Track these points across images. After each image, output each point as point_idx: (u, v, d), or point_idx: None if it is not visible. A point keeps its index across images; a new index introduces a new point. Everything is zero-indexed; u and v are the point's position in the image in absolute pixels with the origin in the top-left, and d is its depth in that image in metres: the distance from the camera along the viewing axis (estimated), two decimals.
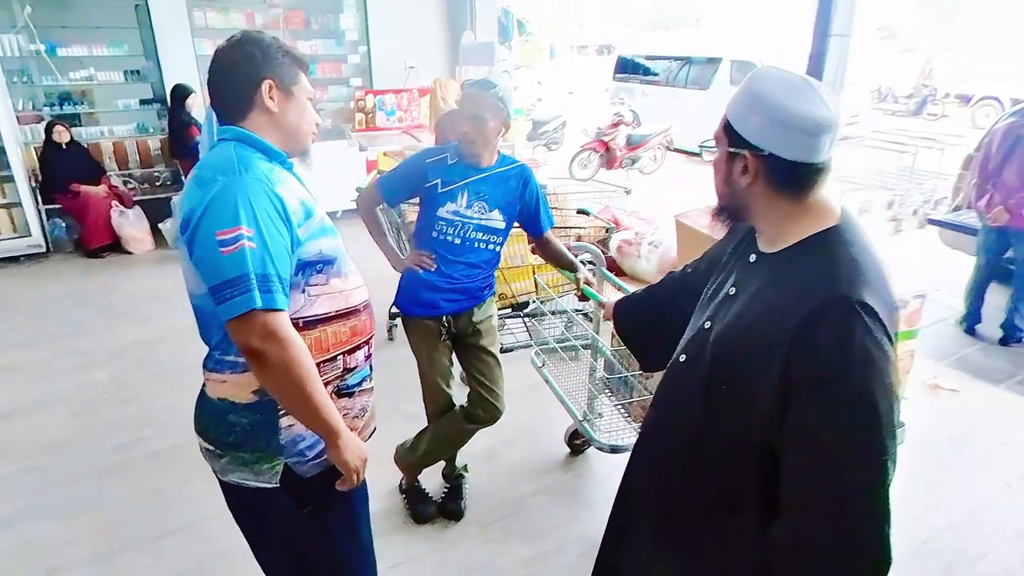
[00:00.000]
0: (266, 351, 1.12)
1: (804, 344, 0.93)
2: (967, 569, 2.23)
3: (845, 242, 1.00)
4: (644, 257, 4.47)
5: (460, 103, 2.06)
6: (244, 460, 1.29)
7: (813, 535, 0.95)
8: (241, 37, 1.28)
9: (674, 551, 1.22)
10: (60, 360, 3.71)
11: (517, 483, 2.64)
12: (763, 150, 1.00)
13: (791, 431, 0.96)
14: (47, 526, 2.43)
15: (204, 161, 1.23)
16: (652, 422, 1.30)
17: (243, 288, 1.10)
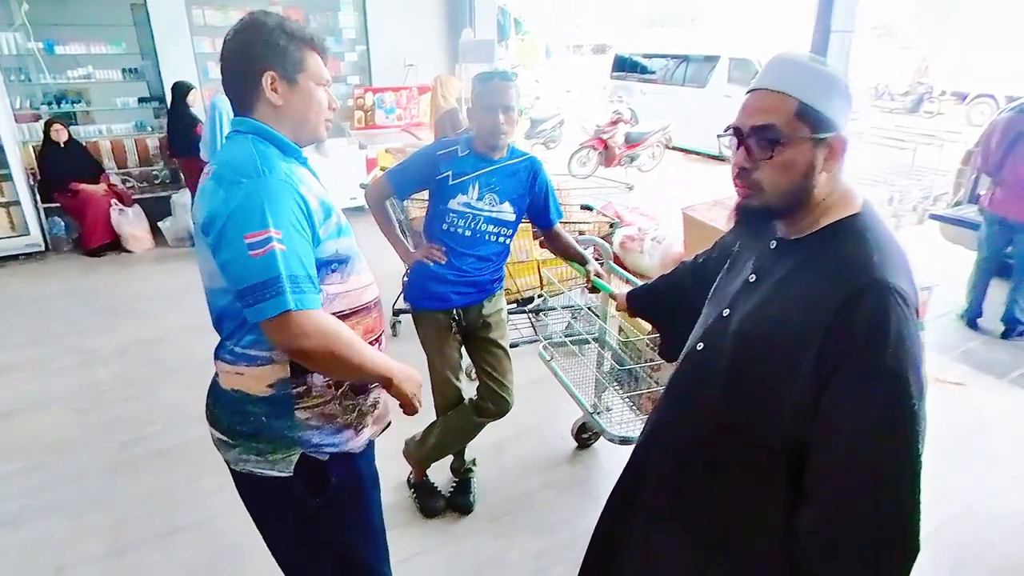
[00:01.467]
0: (309, 347, 1.13)
1: (841, 328, 0.92)
2: (975, 559, 2.23)
3: (872, 228, 0.99)
4: (647, 252, 4.49)
5: (481, 95, 2.03)
6: (258, 450, 1.28)
7: (841, 519, 0.94)
8: (244, 23, 1.23)
9: (694, 543, 1.17)
10: (62, 359, 3.69)
11: (525, 477, 2.64)
12: (841, 129, 0.99)
13: (824, 415, 0.94)
14: (54, 524, 2.42)
15: (224, 159, 1.19)
16: (666, 413, 1.25)
17: (276, 291, 1.09)
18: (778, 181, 0.99)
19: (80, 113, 6.27)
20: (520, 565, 2.21)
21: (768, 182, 1.00)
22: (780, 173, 0.99)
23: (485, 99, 2.01)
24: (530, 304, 3.53)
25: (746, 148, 1.01)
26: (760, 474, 1.05)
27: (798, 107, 0.97)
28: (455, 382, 2.27)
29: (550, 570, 2.18)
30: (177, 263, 5.44)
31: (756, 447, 1.04)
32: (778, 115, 0.97)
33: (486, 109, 2.01)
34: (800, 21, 10.38)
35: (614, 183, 4.83)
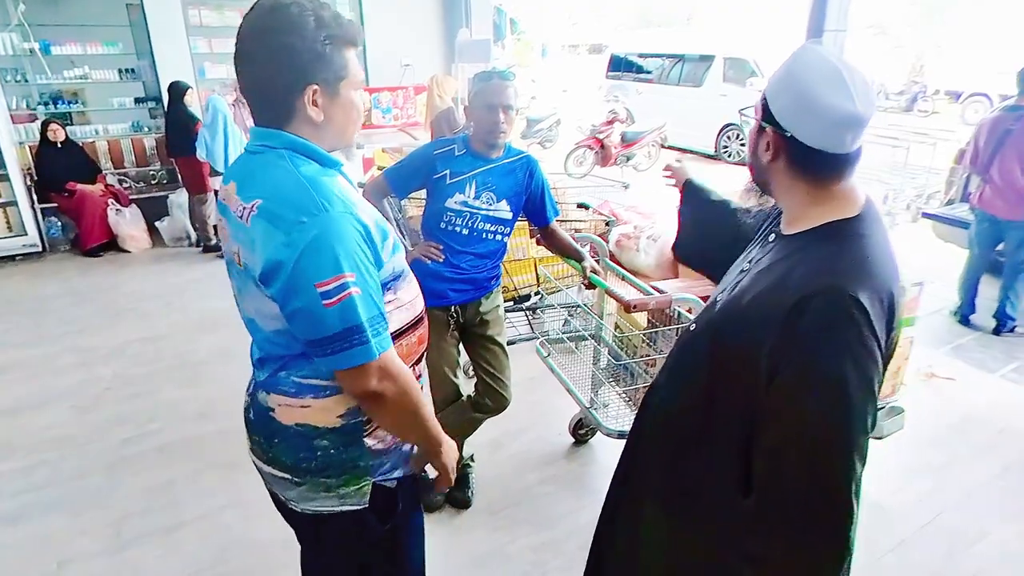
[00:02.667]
0: (383, 391, 1.07)
1: (791, 328, 0.93)
2: (966, 549, 2.27)
3: (859, 234, 0.99)
4: (643, 251, 4.52)
5: (481, 93, 2.05)
6: (328, 485, 1.19)
7: (772, 506, 0.97)
8: (278, 18, 1.01)
9: (679, 517, 1.20)
10: (61, 358, 3.71)
11: (523, 472, 2.67)
12: (786, 131, 1.00)
13: (768, 404, 0.96)
14: (56, 519, 2.43)
15: (271, 192, 1.03)
16: (661, 389, 1.27)
17: (358, 340, 1.01)
18: (749, 157, 1.11)
19: (76, 113, 6.28)
20: (519, 558, 2.24)
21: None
22: (749, 149, 1.11)
23: (485, 98, 2.04)
24: (527, 302, 3.56)
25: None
26: (736, 450, 1.06)
27: (762, 97, 1.05)
28: (453, 379, 2.30)
29: (548, 563, 2.21)
30: (174, 262, 5.45)
31: (732, 424, 1.06)
32: (760, 99, 1.06)
33: (486, 108, 2.03)
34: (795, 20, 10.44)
35: (610, 182, 4.87)
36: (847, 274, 0.94)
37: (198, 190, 5.51)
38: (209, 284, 4.90)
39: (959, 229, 4.55)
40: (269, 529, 2.28)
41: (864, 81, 0.97)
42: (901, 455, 2.73)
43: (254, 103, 1.09)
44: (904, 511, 2.45)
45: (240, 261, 1.09)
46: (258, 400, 1.20)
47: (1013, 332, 3.99)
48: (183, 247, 5.82)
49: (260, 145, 1.09)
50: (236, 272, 1.14)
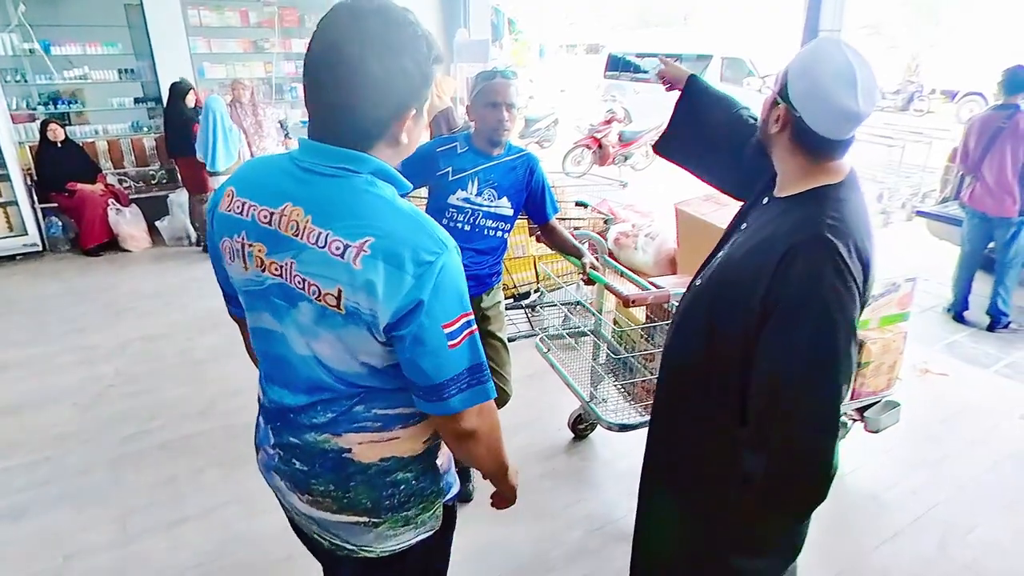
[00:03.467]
0: (479, 428, 1.03)
1: (781, 273, 1.07)
2: (959, 540, 2.31)
3: (839, 198, 1.13)
4: (641, 249, 4.56)
5: (484, 92, 2.08)
6: (407, 519, 1.13)
7: (764, 430, 1.11)
8: (395, 30, 0.91)
9: (683, 454, 1.37)
10: (63, 356, 3.73)
11: (524, 467, 2.67)
12: (796, 111, 1.12)
13: (761, 347, 1.10)
14: (61, 514, 2.46)
15: (384, 229, 0.92)
16: (670, 340, 1.43)
17: (478, 379, 0.99)
18: (761, 125, 1.23)
19: (76, 113, 6.30)
20: (520, 549, 2.27)
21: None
22: (762, 118, 1.23)
23: (488, 96, 2.07)
24: (527, 300, 3.59)
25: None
26: (734, 386, 1.19)
27: (781, 73, 1.17)
28: None
29: (549, 552, 2.24)
30: (175, 262, 5.47)
31: (731, 365, 1.19)
32: (781, 72, 1.18)
33: (489, 105, 2.06)
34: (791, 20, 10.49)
35: (608, 181, 4.91)
36: (828, 226, 1.08)
37: (198, 190, 5.53)
38: (210, 283, 4.87)
39: (953, 227, 4.60)
40: (270, 523, 2.32)
41: (872, 80, 1.10)
42: (896, 449, 2.77)
43: (334, 117, 0.95)
44: (899, 503, 2.49)
45: (340, 304, 0.94)
46: (317, 447, 1.08)
47: (1007, 328, 4.03)
48: (183, 246, 5.84)
49: (338, 168, 0.96)
50: (314, 311, 0.97)
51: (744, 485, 1.16)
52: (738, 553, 1.32)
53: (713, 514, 1.32)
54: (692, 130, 1.64)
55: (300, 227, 0.95)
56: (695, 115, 1.65)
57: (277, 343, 1.06)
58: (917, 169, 6.76)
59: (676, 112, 1.70)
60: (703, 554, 1.38)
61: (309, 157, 0.97)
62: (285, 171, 1.00)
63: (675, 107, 1.70)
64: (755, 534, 1.30)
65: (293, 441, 1.10)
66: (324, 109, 0.95)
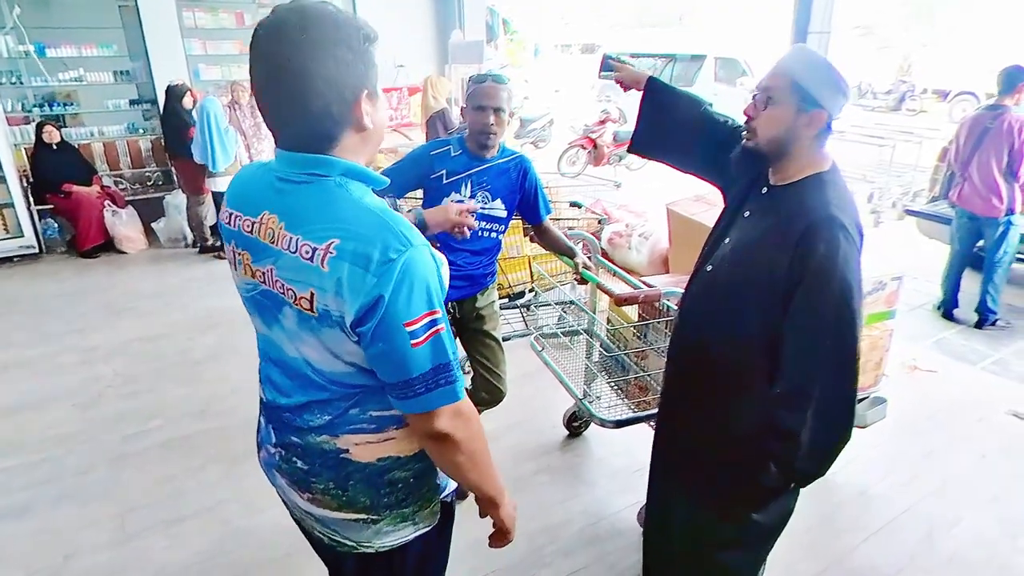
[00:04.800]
0: (453, 432, 1.02)
1: (804, 248, 1.27)
2: (945, 533, 2.36)
3: (833, 183, 1.36)
4: (635, 248, 4.60)
5: (474, 95, 2.12)
6: (404, 515, 1.15)
7: (805, 382, 1.31)
8: (321, 30, 0.92)
9: (699, 420, 1.56)
10: (62, 356, 3.75)
11: (519, 464, 2.74)
12: (828, 110, 1.32)
13: (793, 311, 1.30)
14: (61, 513, 2.49)
15: (350, 230, 0.93)
16: (684, 323, 1.61)
17: (445, 379, 0.97)
18: (765, 130, 1.37)
19: (71, 115, 6.31)
20: (516, 545, 2.26)
21: (760, 129, 1.37)
22: (768, 125, 1.36)
23: (477, 99, 2.11)
24: (522, 299, 3.63)
25: (754, 102, 1.38)
26: (751, 362, 1.40)
27: (792, 83, 1.33)
28: None
29: (544, 548, 2.28)
30: (172, 263, 5.49)
31: (748, 342, 1.40)
32: (778, 85, 1.34)
33: (478, 109, 2.10)
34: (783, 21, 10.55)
35: (602, 181, 4.95)
36: (836, 207, 1.30)
37: (195, 191, 5.56)
38: (207, 284, 4.95)
39: (942, 225, 4.66)
40: (270, 521, 2.36)
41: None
42: (883, 444, 2.82)
43: (293, 128, 0.97)
44: (885, 497, 2.54)
45: (312, 307, 0.97)
46: (317, 447, 1.10)
47: (995, 325, 4.09)
48: (179, 248, 5.86)
49: (307, 174, 0.98)
50: (291, 318, 1.02)
51: (777, 447, 1.36)
52: (729, 547, 1.53)
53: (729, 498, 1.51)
54: (659, 127, 1.77)
55: (275, 234, 0.99)
56: (659, 112, 1.78)
57: (272, 346, 1.12)
58: (908, 168, 6.82)
59: (641, 111, 1.82)
60: (703, 548, 1.60)
61: (283, 167, 1.01)
62: (265, 181, 1.03)
63: (640, 107, 1.83)
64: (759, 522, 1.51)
65: (294, 440, 1.13)
66: (282, 122, 0.98)
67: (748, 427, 1.42)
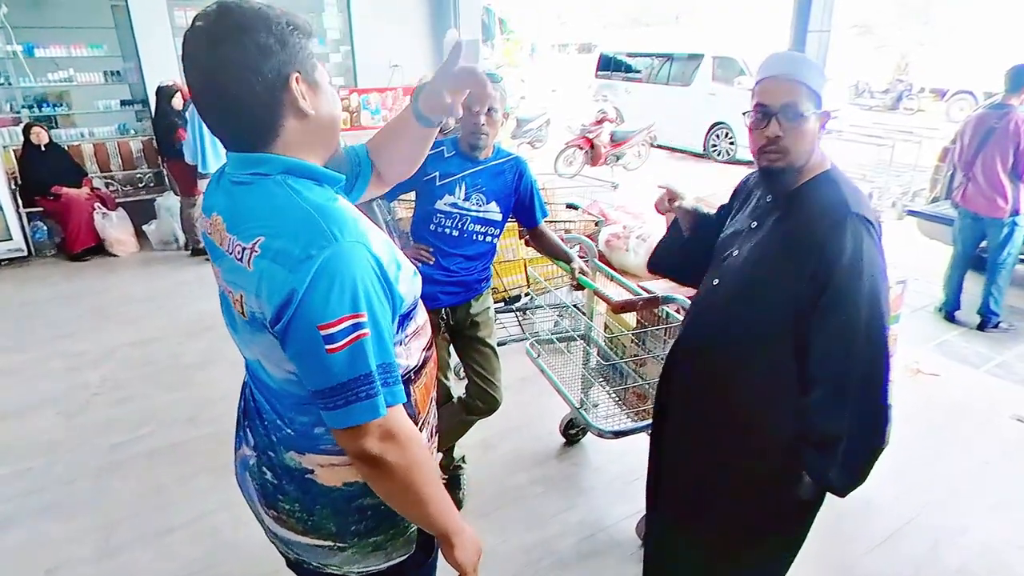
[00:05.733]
0: (383, 455, 0.91)
1: (830, 248, 1.23)
2: (950, 543, 2.31)
3: (842, 179, 1.34)
4: (632, 251, 4.54)
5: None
6: (376, 544, 1.07)
7: (841, 386, 1.26)
8: (232, 20, 0.89)
9: (711, 437, 1.48)
10: (50, 362, 3.68)
11: (514, 473, 2.68)
12: (831, 109, 1.33)
13: (823, 313, 1.25)
14: (45, 525, 2.42)
15: (274, 226, 0.89)
16: (690, 339, 1.55)
17: (365, 392, 0.88)
18: (800, 145, 1.30)
19: (61, 116, 6.23)
20: (511, 559, 2.25)
21: (794, 147, 1.30)
22: (802, 139, 1.30)
23: (468, 99, 2.04)
24: (517, 303, 3.57)
25: (778, 122, 1.28)
26: (772, 372, 1.35)
27: (805, 89, 1.27)
28: (444, 381, 2.30)
29: (540, 562, 2.22)
30: (163, 266, 5.42)
31: (769, 352, 1.35)
32: (797, 96, 1.27)
33: (468, 109, 2.03)
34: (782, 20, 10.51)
35: (600, 182, 4.89)
36: (856, 204, 1.27)
37: (187, 193, 5.48)
38: (198, 287, 4.88)
39: (943, 226, 4.61)
40: (261, 533, 2.28)
41: None
42: (887, 450, 2.76)
43: (229, 127, 0.95)
44: (890, 506, 2.48)
45: (243, 310, 0.93)
46: (284, 462, 1.04)
47: (997, 328, 4.05)
48: (171, 250, 5.79)
49: (250, 174, 0.95)
50: (239, 322, 0.98)
51: (813, 457, 1.32)
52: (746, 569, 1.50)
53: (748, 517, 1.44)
54: (688, 256, 1.71)
55: (221, 236, 0.98)
56: (694, 243, 1.70)
57: (241, 351, 1.09)
58: (907, 168, 6.78)
59: (671, 238, 1.78)
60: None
61: (232, 168, 0.99)
62: (223, 184, 1.02)
63: (669, 231, 1.79)
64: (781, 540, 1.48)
65: (263, 452, 1.07)
66: (219, 122, 0.95)
67: (772, 440, 1.37)
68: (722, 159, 10.16)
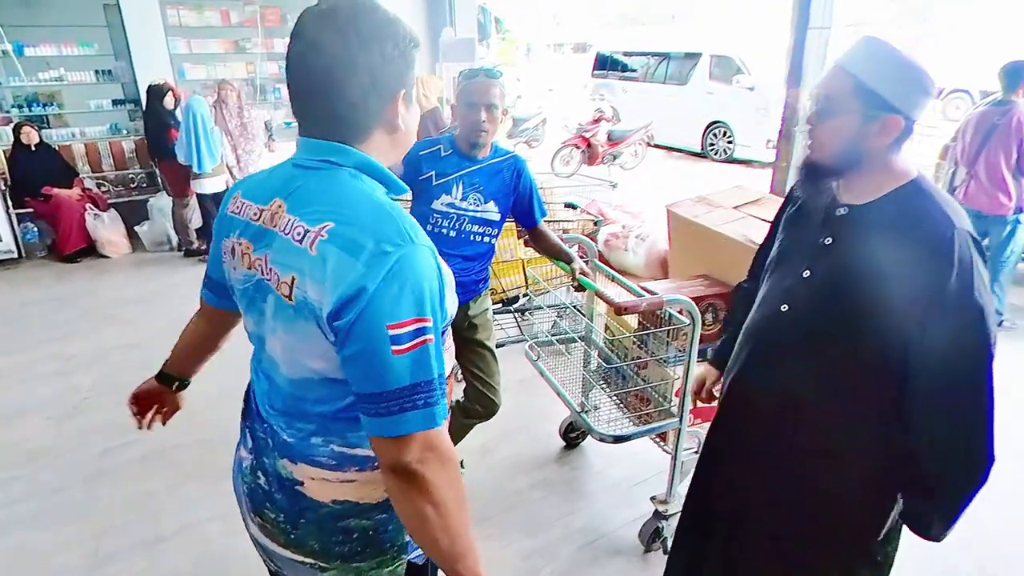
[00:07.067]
0: (423, 470, 0.86)
1: (938, 270, 1.07)
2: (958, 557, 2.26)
3: (933, 189, 1.16)
4: (631, 250, 4.50)
5: (465, 91, 2.01)
6: (360, 570, 1.03)
7: (950, 426, 1.12)
8: (368, 22, 0.89)
9: (788, 491, 1.32)
10: (40, 366, 3.61)
11: (514, 477, 2.63)
12: (902, 112, 1.12)
13: (926, 343, 1.09)
14: (33, 535, 2.35)
15: (346, 214, 0.87)
16: (756, 374, 1.36)
17: (424, 400, 0.85)
18: (828, 142, 1.17)
19: (53, 116, 6.16)
20: (510, 565, 2.20)
21: (822, 142, 1.19)
22: (830, 136, 1.17)
23: (468, 95, 1.99)
24: (515, 303, 3.52)
25: (815, 110, 1.19)
26: (859, 409, 1.21)
27: (855, 85, 1.12)
28: None
29: (541, 570, 2.17)
30: (155, 267, 5.35)
31: (858, 387, 1.20)
32: (836, 90, 1.15)
33: (469, 106, 1.99)
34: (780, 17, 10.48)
35: (598, 181, 4.85)
36: (961, 219, 1.11)
37: (180, 194, 5.41)
38: (191, 289, 4.75)
39: None
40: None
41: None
42: None
43: (324, 114, 0.92)
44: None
45: (291, 293, 0.89)
46: (276, 470, 1.01)
47: (1001, 327, 4.01)
48: (164, 252, 5.72)
49: (320, 160, 0.93)
50: (276, 307, 0.93)
51: (916, 504, 1.20)
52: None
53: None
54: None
55: (275, 216, 0.94)
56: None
57: (260, 346, 1.04)
58: None
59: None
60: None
61: (301, 154, 0.96)
62: (285, 171, 0.99)
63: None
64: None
65: (261, 454, 1.05)
66: (312, 107, 0.93)
67: (855, 473, 1.23)
68: (720, 158, 10.13)
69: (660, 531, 2.18)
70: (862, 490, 1.25)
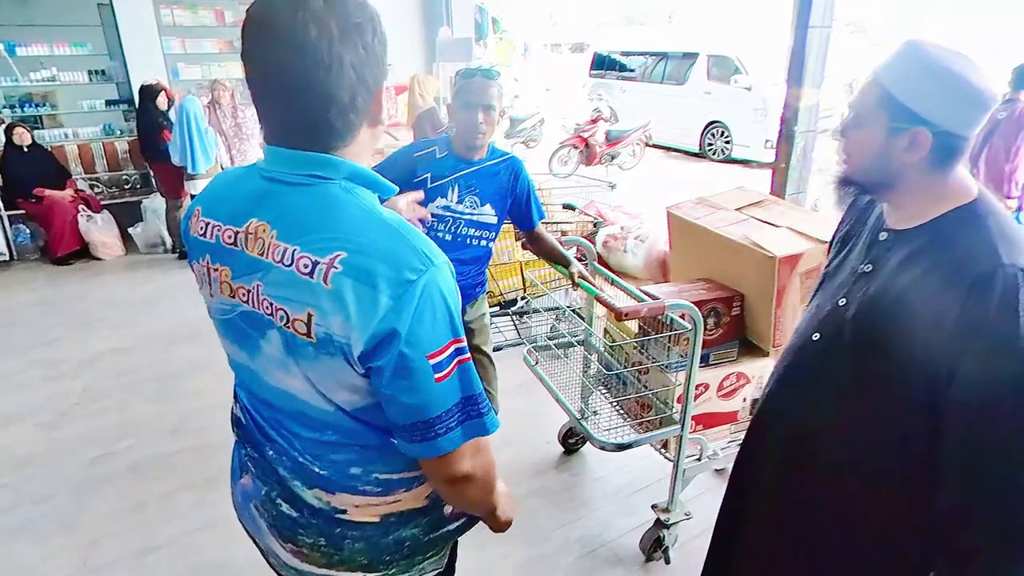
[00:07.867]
0: (474, 471, 0.89)
1: (972, 312, 0.93)
2: None
3: (991, 213, 1.01)
4: (630, 252, 4.46)
5: (462, 91, 1.96)
6: (411, 564, 1.03)
7: (982, 487, 0.97)
8: (344, 10, 0.79)
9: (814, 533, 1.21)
10: (28, 371, 3.55)
11: (512, 484, 2.52)
12: (936, 126, 0.98)
13: (957, 397, 0.96)
14: (20, 547, 2.30)
15: (359, 242, 0.79)
16: (777, 404, 1.27)
17: (471, 412, 0.85)
18: (855, 155, 1.08)
19: (46, 116, 6.09)
20: (509, 575, 2.15)
21: (850, 153, 1.09)
22: (855, 149, 1.08)
23: (465, 96, 1.94)
24: (513, 307, 3.48)
25: (846, 121, 1.09)
26: (885, 458, 1.08)
27: (881, 96, 1.01)
28: None
29: None
30: (149, 270, 5.29)
31: (880, 432, 1.07)
32: (863, 99, 1.05)
33: (465, 106, 1.94)
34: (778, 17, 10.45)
35: (596, 182, 4.81)
36: (1010, 252, 0.95)
37: (174, 195, 5.36)
38: (185, 291, 4.74)
39: None
40: (247, 550, 2.17)
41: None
42: None
43: (301, 119, 0.82)
44: None
45: (309, 331, 0.81)
46: (306, 500, 0.95)
47: None
48: (158, 254, 5.66)
49: (307, 175, 0.83)
50: (283, 340, 0.85)
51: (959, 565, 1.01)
52: None
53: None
54: None
55: (266, 245, 0.83)
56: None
57: (252, 377, 0.95)
58: None
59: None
60: None
61: (275, 166, 0.85)
62: (251, 186, 0.88)
63: None
64: None
65: (278, 485, 0.97)
66: (286, 112, 0.82)
67: (892, 522, 1.11)
68: (718, 158, 10.10)
69: (661, 540, 2.13)
70: (882, 559, 1.14)
